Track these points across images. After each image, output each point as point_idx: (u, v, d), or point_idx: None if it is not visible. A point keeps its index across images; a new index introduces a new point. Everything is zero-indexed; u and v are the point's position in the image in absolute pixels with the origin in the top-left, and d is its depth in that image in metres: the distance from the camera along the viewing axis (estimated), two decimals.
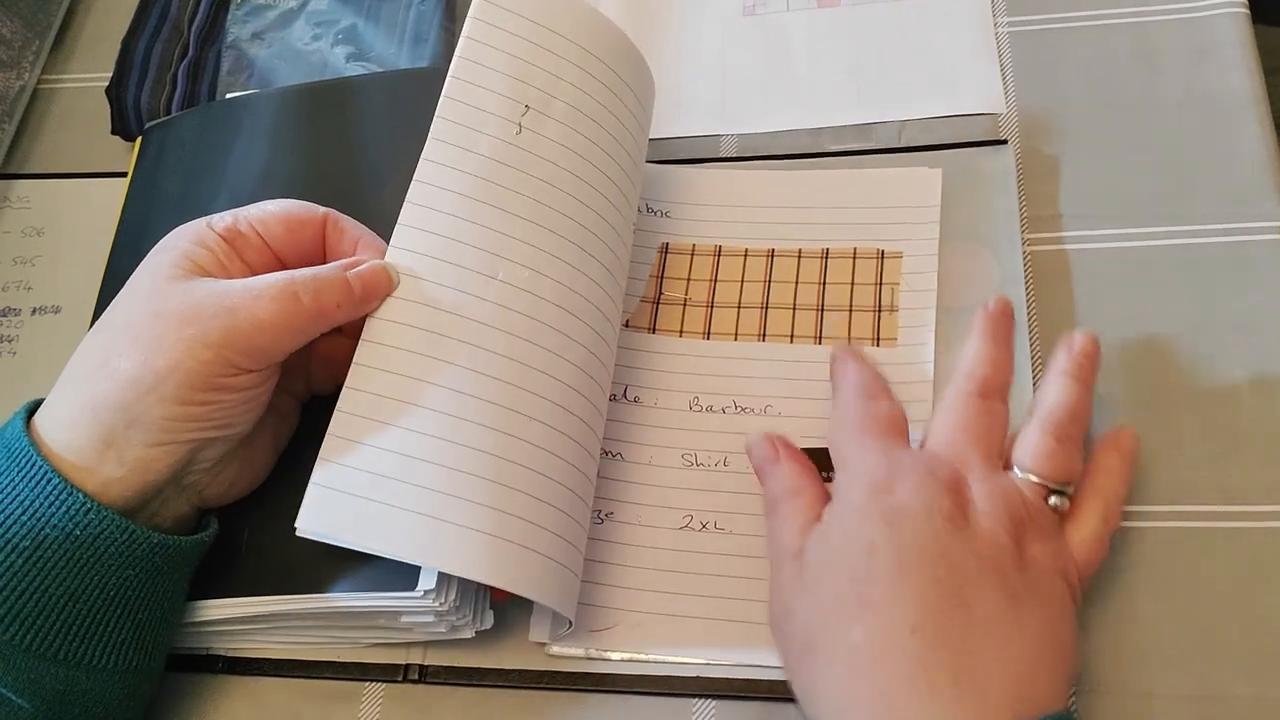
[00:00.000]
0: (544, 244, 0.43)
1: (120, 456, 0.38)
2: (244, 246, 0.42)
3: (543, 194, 0.44)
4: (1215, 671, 0.41)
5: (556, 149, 0.45)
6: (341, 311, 0.40)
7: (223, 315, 0.38)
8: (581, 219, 0.45)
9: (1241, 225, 0.48)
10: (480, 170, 0.43)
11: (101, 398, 0.38)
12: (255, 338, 0.39)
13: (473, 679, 0.44)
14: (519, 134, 0.44)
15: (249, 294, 0.39)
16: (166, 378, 0.38)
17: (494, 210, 0.43)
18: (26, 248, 0.59)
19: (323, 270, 0.40)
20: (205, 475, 0.41)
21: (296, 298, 0.39)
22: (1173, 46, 0.53)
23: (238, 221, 0.42)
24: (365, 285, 0.40)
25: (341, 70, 0.59)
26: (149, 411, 0.38)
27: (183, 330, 0.38)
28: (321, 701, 0.45)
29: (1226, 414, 0.45)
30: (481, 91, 0.44)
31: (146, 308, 0.39)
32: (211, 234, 0.41)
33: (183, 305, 0.39)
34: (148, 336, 0.38)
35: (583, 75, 0.46)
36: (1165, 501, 0.44)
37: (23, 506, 0.37)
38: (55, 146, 0.62)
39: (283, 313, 0.39)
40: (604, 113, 0.46)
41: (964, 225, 0.50)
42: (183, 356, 0.38)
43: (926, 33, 0.56)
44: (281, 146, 0.51)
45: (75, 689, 0.38)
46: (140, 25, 0.63)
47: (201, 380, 0.38)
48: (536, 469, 0.40)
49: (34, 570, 0.37)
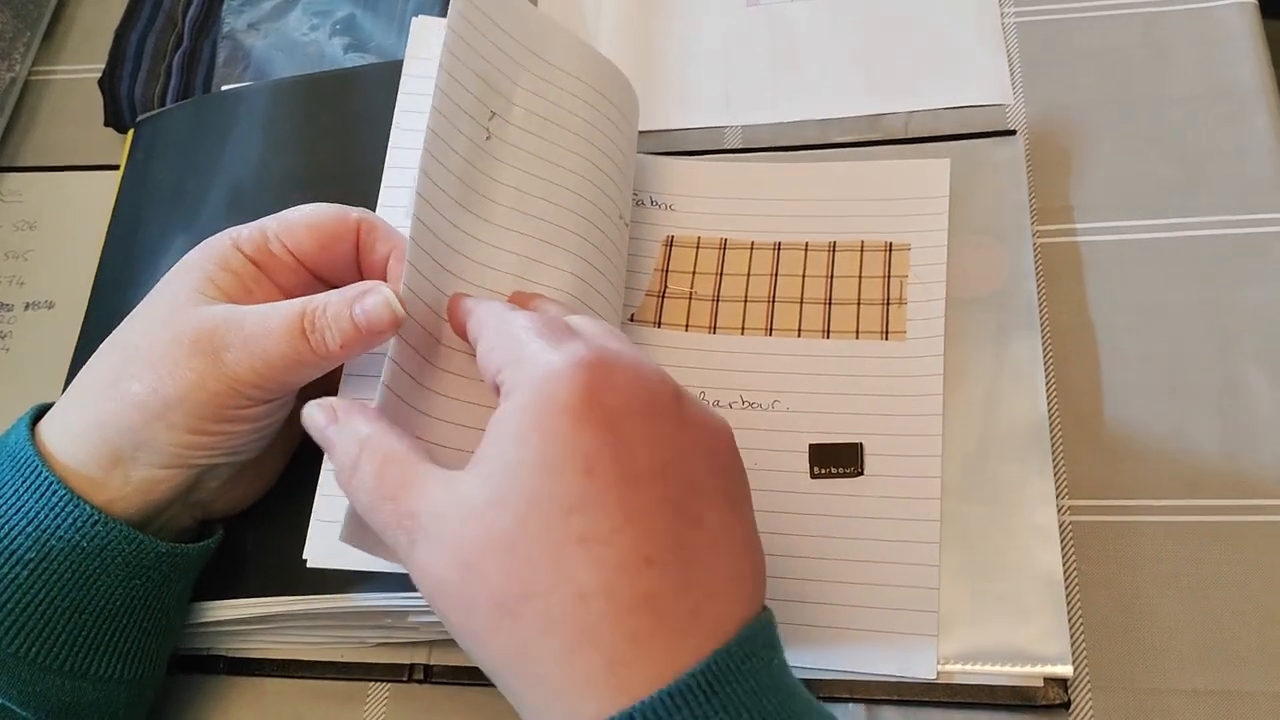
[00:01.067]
0: (529, 250, 0.43)
1: (126, 475, 0.38)
2: (275, 268, 0.40)
3: (517, 199, 0.43)
4: (1227, 667, 0.40)
5: (526, 156, 0.44)
6: (347, 350, 0.38)
7: (236, 348, 0.37)
8: (567, 224, 0.44)
9: (1252, 216, 0.48)
10: (453, 183, 0.42)
11: (109, 418, 0.38)
12: (266, 373, 0.37)
13: (479, 678, 0.43)
14: (488, 139, 0.43)
15: (260, 327, 0.38)
16: (175, 406, 0.37)
17: (473, 216, 0.42)
18: (19, 242, 0.58)
19: (332, 303, 0.38)
20: (210, 494, 0.41)
21: (303, 336, 0.38)
22: (1182, 38, 0.53)
23: (268, 240, 0.40)
24: (370, 323, 0.38)
25: (339, 61, 0.59)
26: (157, 437, 0.37)
27: (194, 360, 0.37)
28: (326, 702, 0.44)
29: (1238, 407, 0.45)
30: (452, 101, 0.43)
31: (163, 332, 0.38)
32: (238, 256, 0.40)
33: (198, 333, 0.37)
34: (160, 361, 0.37)
35: (548, 85, 0.46)
36: (1178, 495, 0.43)
37: (27, 518, 0.37)
38: (47, 139, 0.61)
39: (290, 351, 0.37)
40: (572, 117, 0.46)
41: (973, 217, 0.50)
42: (192, 387, 0.37)
43: (933, 23, 0.56)
44: (277, 139, 0.50)
45: (80, 700, 0.38)
46: (133, 16, 0.62)
47: (211, 411, 0.37)
48: None
49: (39, 582, 0.36)
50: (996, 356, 0.46)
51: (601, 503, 0.30)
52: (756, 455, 0.45)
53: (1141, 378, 0.46)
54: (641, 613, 0.29)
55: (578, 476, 0.30)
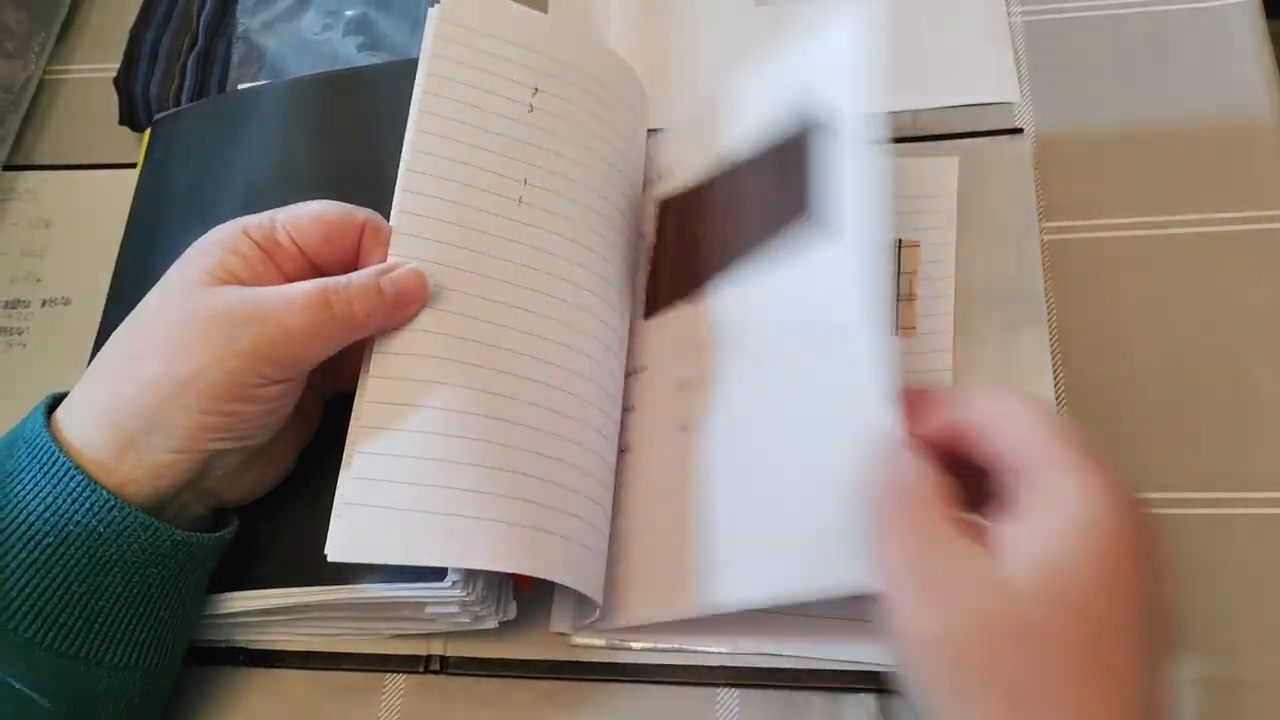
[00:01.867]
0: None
1: (139, 459, 0.38)
2: (281, 256, 0.41)
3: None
4: (1233, 657, 0.41)
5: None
6: (373, 321, 0.39)
7: (252, 323, 0.38)
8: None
9: (1257, 214, 0.48)
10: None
11: (124, 400, 0.38)
12: (284, 346, 0.38)
13: (494, 670, 0.44)
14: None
15: (280, 301, 0.38)
16: (190, 385, 0.37)
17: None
18: (35, 240, 0.58)
19: (356, 277, 0.39)
20: (220, 482, 0.41)
21: (328, 305, 0.38)
22: (1187, 35, 0.53)
23: (275, 229, 0.41)
24: (399, 293, 0.39)
25: (353, 60, 0.59)
26: (171, 418, 0.38)
27: (210, 337, 0.37)
28: (343, 693, 0.44)
29: (1244, 401, 0.45)
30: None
31: (177, 313, 0.39)
32: (246, 240, 0.40)
33: (212, 312, 0.38)
34: (175, 342, 0.38)
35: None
36: (1182, 489, 0.44)
37: (45, 503, 0.37)
38: (62, 138, 0.62)
39: (313, 321, 0.38)
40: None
41: (981, 214, 0.50)
42: (209, 364, 0.37)
43: (941, 22, 0.56)
44: (293, 138, 0.51)
45: (95, 687, 0.38)
46: (148, 15, 0.63)
47: (225, 390, 0.38)
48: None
49: (57, 567, 0.37)
50: (1004, 351, 0.47)
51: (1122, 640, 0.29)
52: None
53: (1147, 372, 0.46)
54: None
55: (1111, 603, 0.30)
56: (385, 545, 0.38)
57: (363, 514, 0.38)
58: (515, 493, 0.39)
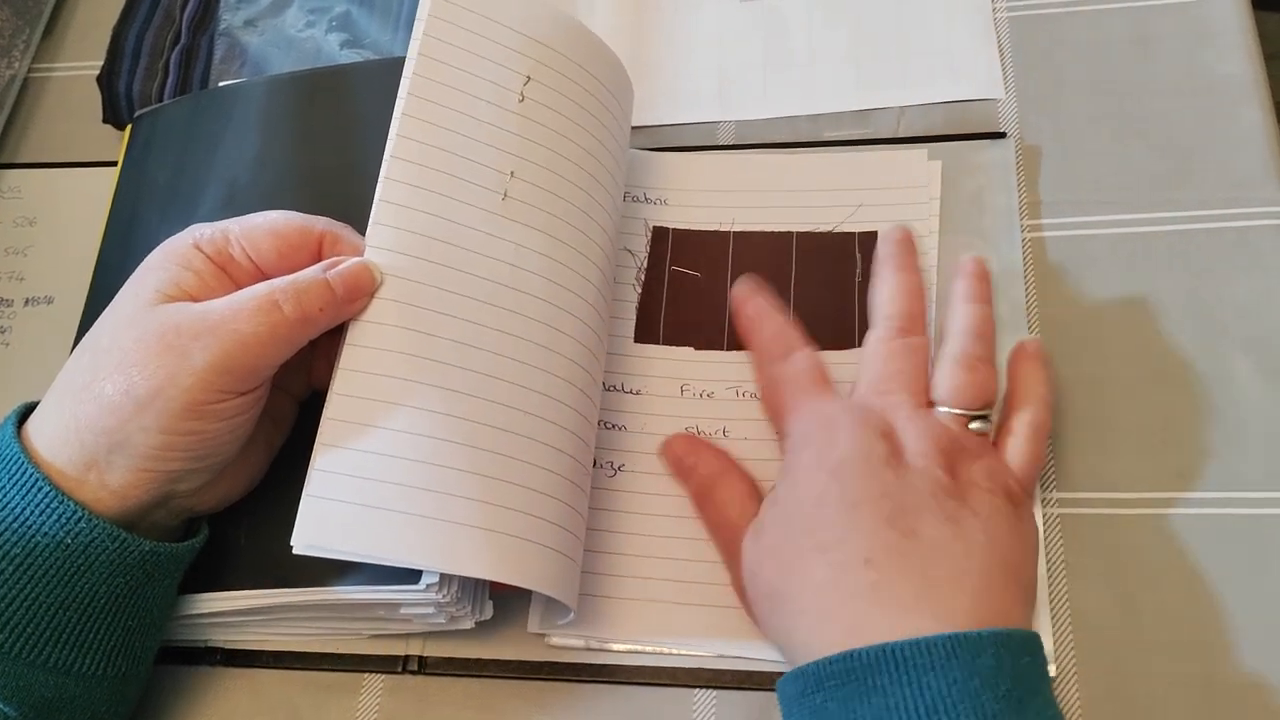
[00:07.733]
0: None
1: (102, 480, 0.38)
2: (235, 270, 0.40)
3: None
4: (1215, 657, 0.41)
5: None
6: (325, 315, 0.39)
7: (204, 335, 0.37)
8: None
9: (1242, 210, 0.48)
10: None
11: (85, 420, 0.38)
12: (240, 355, 0.37)
13: (472, 670, 0.44)
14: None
15: (229, 309, 0.38)
16: (148, 405, 0.37)
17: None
18: (18, 238, 0.58)
19: (302, 275, 0.39)
20: (190, 499, 0.41)
21: (277, 306, 0.38)
22: (1172, 31, 0.53)
23: (229, 243, 0.40)
24: (347, 285, 0.39)
25: (336, 57, 0.59)
26: (131, 438, 0.37)
27: (164, 356, 0.37)
28: (321, 693, 0.44)
29: (1227, 400, 0.45)
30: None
31: (129, 332, 0.38)
32: (199, 256, 0.40)
33: (164, 330, 0.37)
34: (130, 362, 0.37)
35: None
36: (1166, 488, 0.44)
37: (13, 514, 0.37)
38: (46, 136, 0.62)
39: (266, 323, 0.38)
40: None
41: (963, 218, 0.50)
42: (164, 384, 0.37)
43: (925, 18, 0.56)
44: (274, 135, 0.51)
45: (63, 696, 0.38)
46: (132, 12, 0.62)
47: (183, 409, 0.37)
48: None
49: (24, 577, 0.37)
50: None
51: (826, 524, 0.39)
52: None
53: (1130, 370, 0.46)
54: (862, 599, 0.37)
55: (811, 508, 0.40)
56: (350, 540, 0.38)
57: (329, 507, 0.38)
58: (486, 496, 0.39)
